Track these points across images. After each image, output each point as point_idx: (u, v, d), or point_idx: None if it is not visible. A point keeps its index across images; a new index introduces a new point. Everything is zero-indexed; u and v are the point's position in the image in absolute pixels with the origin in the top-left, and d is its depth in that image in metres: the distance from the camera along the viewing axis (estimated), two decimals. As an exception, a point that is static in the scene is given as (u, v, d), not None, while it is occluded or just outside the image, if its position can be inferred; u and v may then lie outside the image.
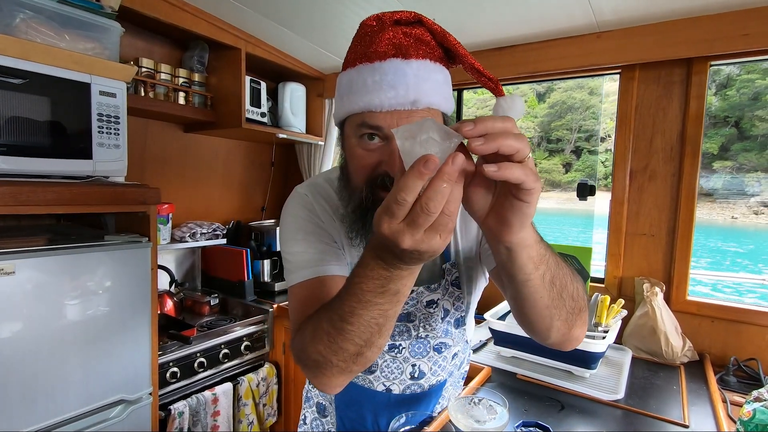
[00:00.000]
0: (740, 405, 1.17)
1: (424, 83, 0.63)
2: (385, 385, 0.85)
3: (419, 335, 0.84)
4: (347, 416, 0.90)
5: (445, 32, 0.64)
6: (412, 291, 0.79)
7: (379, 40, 0.63)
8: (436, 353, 0.86)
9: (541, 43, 1.69)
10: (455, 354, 0.89)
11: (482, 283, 0.90)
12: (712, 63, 1.49)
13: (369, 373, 0.85)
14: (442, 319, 0.85)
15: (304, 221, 0.78)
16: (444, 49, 0.66)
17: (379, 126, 0.63)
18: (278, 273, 2.23)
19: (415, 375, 0.85)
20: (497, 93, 0.70)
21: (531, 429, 0.95)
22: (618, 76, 1.66)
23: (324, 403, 0.95)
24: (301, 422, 1.00)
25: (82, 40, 1.21)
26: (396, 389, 0.86)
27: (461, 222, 0.85)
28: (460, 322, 0.88)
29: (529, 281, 0.56)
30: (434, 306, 0.83)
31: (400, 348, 0.83)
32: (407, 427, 0.75)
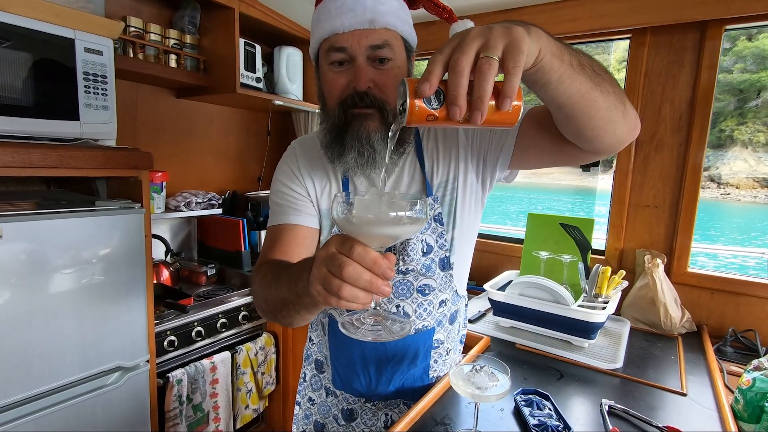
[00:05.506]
0: (737, 375, 1.18)
1: (380, 6, 0.71)
2: None
3: (399, 269, 0.84)
4: (340, 363, 0.92)
5: None
6: None
7: None
8: (420, 295, 0.86)
9: (551, 4, 1.61)
10: (443, 301, 0.89)
11: (469, 218, 0.88)
12: (727, 27, 1.42)
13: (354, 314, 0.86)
14: (424, 253, 0.84)
15: (285, 176, 0.90)
16: None
17: (343, 46, 0.71)
18: (275, 244, 2.20)
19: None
20: (450, 20, 0.78)
21: (531, 396, 0.95)
22: (628, 42, 1.59)
23: (321, 359, 0.97)
24: (301, 380, 1.03)
25: (63, -7, 1.13)
26: None
27: (433, 155, 0.86)
28: (445, 263, 0.87)
29: (564, 75, 0.54)
30: None
31: None
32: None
